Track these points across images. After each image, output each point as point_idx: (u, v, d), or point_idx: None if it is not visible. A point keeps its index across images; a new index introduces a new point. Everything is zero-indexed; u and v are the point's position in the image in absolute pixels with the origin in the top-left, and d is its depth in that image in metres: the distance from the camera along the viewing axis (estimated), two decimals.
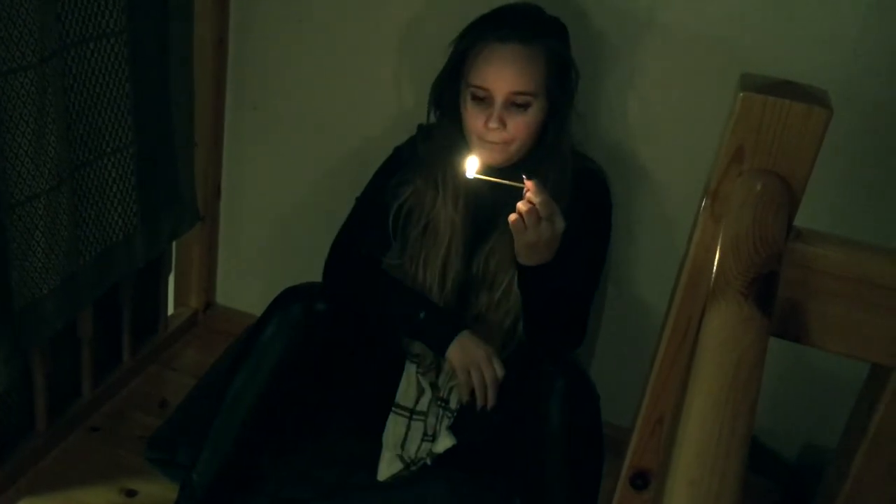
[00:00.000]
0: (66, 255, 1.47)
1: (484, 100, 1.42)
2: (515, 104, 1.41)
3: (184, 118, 1.75)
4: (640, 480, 0.86)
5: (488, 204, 1.52)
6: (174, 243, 1.96)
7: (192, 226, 1.89)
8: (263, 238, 2.06)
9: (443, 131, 1.53)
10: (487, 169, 1.45)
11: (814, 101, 0.70)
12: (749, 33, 1.54)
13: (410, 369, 1.63)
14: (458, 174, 1.52)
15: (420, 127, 1.60)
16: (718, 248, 0.70)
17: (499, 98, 1.41)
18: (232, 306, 2.13)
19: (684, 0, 1.56)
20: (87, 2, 1.41)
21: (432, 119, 1.55)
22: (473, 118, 1.44)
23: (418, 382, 1.62)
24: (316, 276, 1.60)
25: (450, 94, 1.49)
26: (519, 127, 1.43)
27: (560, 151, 1.50)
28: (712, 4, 1.55)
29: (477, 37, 1.44)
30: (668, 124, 1.65)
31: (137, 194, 1.64)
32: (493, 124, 1.41)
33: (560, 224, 1.35)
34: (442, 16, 1.70)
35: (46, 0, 1.29)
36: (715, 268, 0.68)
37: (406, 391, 1.62)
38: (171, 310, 2.07)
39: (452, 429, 1.59)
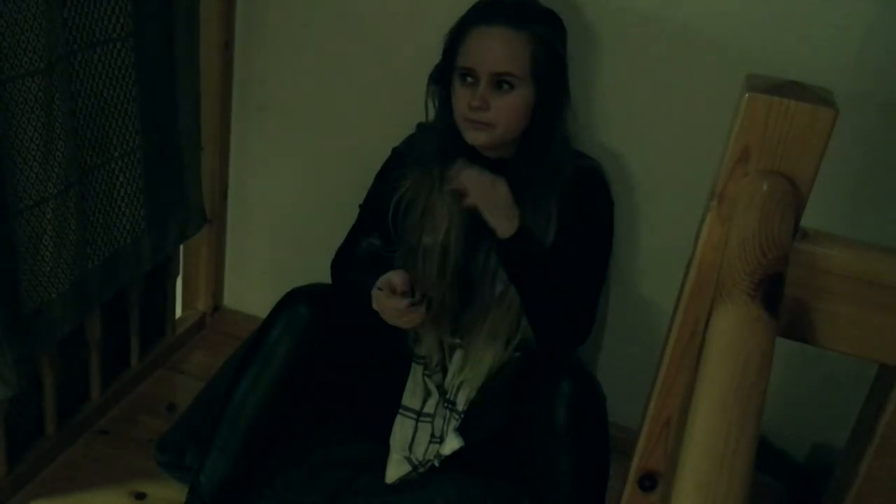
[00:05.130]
0: (74, 259, 1.48)
1: (470, 81, 1.44)
2: (499, 85, 1.43)
3: (190, 121, 1.75)
4: (648, 482, 0.85)
5: None
6: (181, 246, 1.97)
7: (199, 229, 1.89)
8: (271, 240, 2.07)
9: (439, 123, 1.54)
10: (479, 161, 1.48)
11: (819, 102, 0.70)
12: (753, 32, 1.54)
13: (417, 371, 1.63)
14: (454, 165, 1.52)
15: (419, 125, 1.60)
16: (725, 249, 0.70)
17: (483, 78, 1.42)
18: (239, 309, 2.14)
19: (689, 0, 1.56)
20: (93, 7, 1.41)
21: (431, 108, 1.55)
22: (459, 99, 1.46)
23: (425, 384, 1.62)
24: (323, 277, 1.61)
25: (444, 84, 1.50)
26: (501, 109, 1.43)
27: (551, 145, 1.50)
28: (717, 5, 1.55)
29: (466, 22, 1.46)
30: (672, 124, 1.65)
31: (145, 198, 1.64)
32: (475, 102, 1.42)
33: (490, 175, 1.44)
34: (444, 17, 1.70)
35: (53, 5, 1.30)
36: (721, 269, 0.68)
37: (413, 393, 1.62)
38: (178, 313, 2.08)
39: (460, 430, 1.59)
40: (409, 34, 1.75)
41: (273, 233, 2.05)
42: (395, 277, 1.45)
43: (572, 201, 1.51)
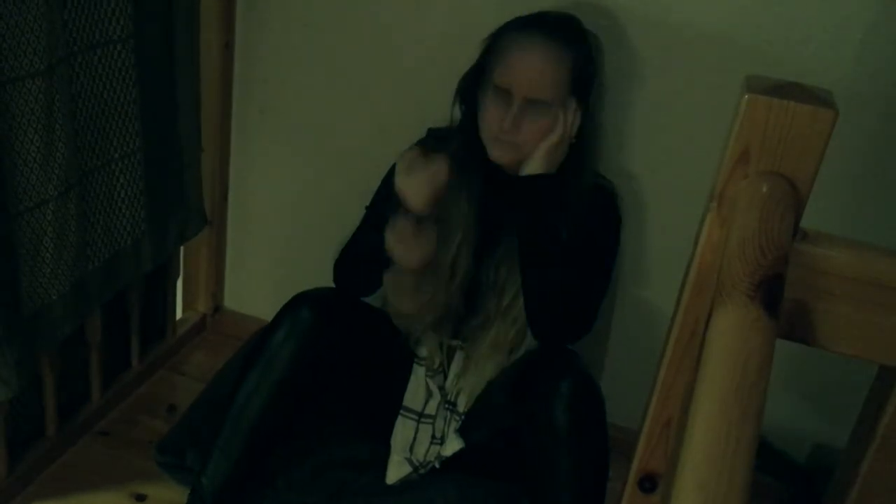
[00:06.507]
0: (74, 261, 1.48)
1: (504, 99, 1.42)
2: (532, 107, 1.41)
3: (191, 123, 1.75)
4: (649, 483, 0.85)
5: (499, 208, 1.52)
6: (182, 248, 1.97)
7: (199, 230, 1.89)
8: (271, 241, 2.07)
9: (460, 132, 1.53)
10: (497, 176, 1.47)
11: (819, 103, 0.70)
12: (753, 33, 1.54)
13: (419, 372, 1.63)
14: (471, 176, 1.52)
15: (429, 130, 1.60)
16: (725, 250, 0.70)
17: (517, 99, 1.41)
18: (240, 310, 2.14)
19: (689, 1, 1.56)
20: (93, 9, 1.41)
21: (457, 113, 1.54)
22: (491, 115, 1.44)
23: (427, 385, 1.62)
24: (324, 278, 1.61)
25: (473, 90, 1.49)
26: (533, 131, 1.42)
27: (579, 161, 1.49)
28: (717, 5, 1.55)
29: (507, 36, 1.44)
30: (672, 125, 1.65)
31: (145, 199, 1.64)
32: (507, 125, 1.41)
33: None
34: (446, 16, 1.70)
35: (53, 7, 1.30)
36: (721, 270, 0.68)
37: (414, 394, 1.62)
38: (179, 314, 2.08)
39: (460, 431, 1.59)
40: (410, 34, 1.75)
41: (274, 234, 2.06)
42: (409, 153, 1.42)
43: (583, 217, 1.50)
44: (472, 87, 1.49)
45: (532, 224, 1.44)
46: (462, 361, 1.62)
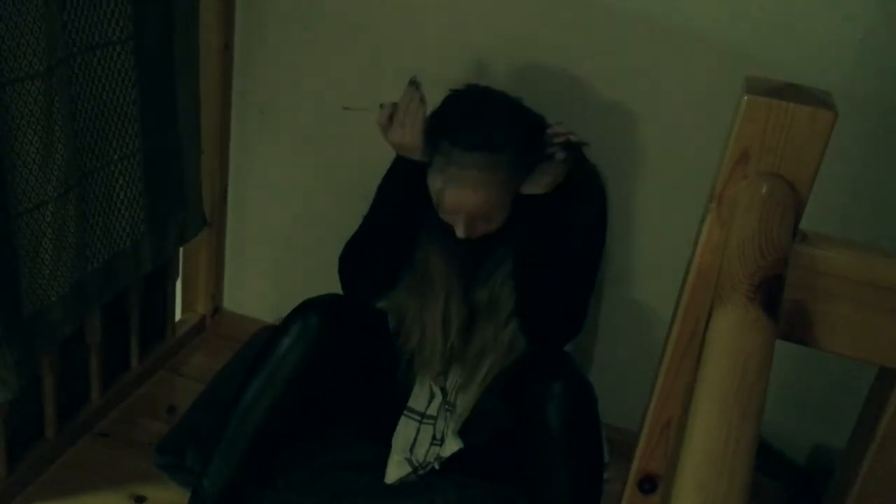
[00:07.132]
0: (73, 262, 1.48)
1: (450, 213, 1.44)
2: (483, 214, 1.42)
3: (190, 124, 1.75)
4: (648, 484, 0.85)
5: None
6: (181, 249, 1.97)
7: (198, 231, 1.89)
8: (270, 243, 2.07)
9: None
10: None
11: (819, 104, 0.70)
12: (753, 34, 1.54)
13: (423, 373, 1.63)
14: (445, 228, 1.51)
15: None
16: (724, 251, 0.70)
17: (461, 218, 1.42)
18: (239, 311, 2.14)
19: (688, 2, 1.56)
20: (92, 10, 1.41)
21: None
22: (442, 216, 1.46)
23: (430, 386, 1.62)
24: (324, 280, 1.60)
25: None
26: (488, 227, 1.45)
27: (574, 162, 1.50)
28: (716, 6, 1.55)
29: (438, 159, 1.42)
30: (672, 126, 1.65)
31: (144, 200, 1.64)
32: (460, 234, 1.43)
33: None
34: (446, 17, 1.70)
35: (52, 9, 1.30)
36: (721, 271, 0.68)
37: (418, 395, 1.62)
38: (178, 315, 2.08)
39: (460, 433, 1.59)
40: (410, 35, 1.75)
41: (273, 235, 2.05)
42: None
43: (570, 203, 1.50)
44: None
45: (531, 230, 1.44)
46: (460, 372, 1.62)
